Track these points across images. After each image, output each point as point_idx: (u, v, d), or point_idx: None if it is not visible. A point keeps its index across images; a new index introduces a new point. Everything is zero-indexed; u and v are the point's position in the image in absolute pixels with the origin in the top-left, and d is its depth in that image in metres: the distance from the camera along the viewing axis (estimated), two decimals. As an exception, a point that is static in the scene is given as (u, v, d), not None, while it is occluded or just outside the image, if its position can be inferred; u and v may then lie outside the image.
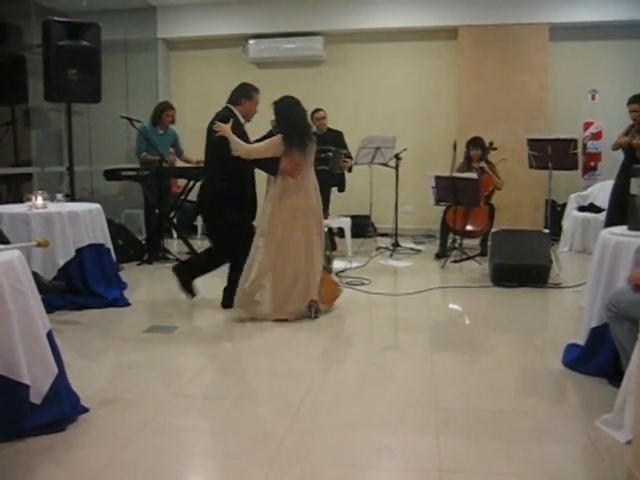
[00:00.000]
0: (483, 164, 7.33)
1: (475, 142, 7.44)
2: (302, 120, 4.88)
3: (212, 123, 4.91)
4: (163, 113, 7.28)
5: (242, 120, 5.11)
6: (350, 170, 7.54)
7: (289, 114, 4.80)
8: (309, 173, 4.87)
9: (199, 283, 5.42)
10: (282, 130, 4.77)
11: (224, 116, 4.94)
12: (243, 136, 4.89)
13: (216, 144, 4.85)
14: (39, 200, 5.04)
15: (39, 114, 8.16)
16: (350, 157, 7.43)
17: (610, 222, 5.72)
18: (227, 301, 5.17)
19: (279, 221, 4.76)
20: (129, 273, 6.25)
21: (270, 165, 4.76)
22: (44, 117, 8.25)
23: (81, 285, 5.10)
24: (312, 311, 4.83)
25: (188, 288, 5.34)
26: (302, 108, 4.89)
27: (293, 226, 4.76)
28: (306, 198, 4.81)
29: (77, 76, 6.30)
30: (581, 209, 7.90)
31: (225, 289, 5.22)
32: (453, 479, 2.50)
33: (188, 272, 5.35)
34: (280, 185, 4.76)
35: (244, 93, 5.15)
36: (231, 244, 5.10)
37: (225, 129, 4.71)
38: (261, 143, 4.87)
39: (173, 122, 7.41)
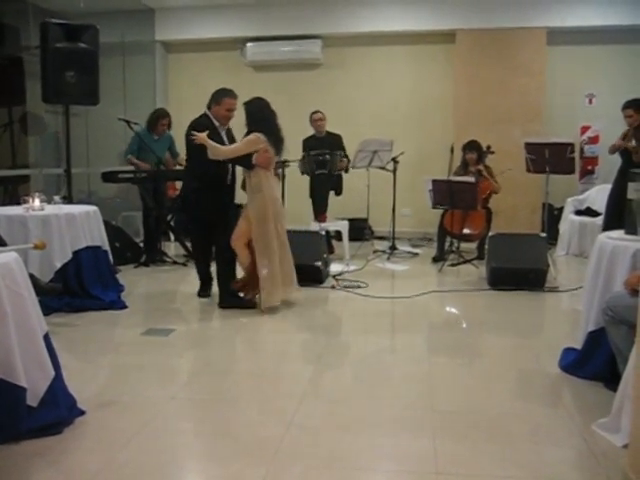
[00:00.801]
0: (481, 167, 7.34)
1: (471, 146, 7.45)
2: (275, 122, 5.13)
3: (189, 129, 5.15)
4: (158, 121, 7.24)
5: (216, 123, 5.26)
6: (347, 170, 7.54)
7: (262, 117, 5.07)
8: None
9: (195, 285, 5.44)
10: (258, 130, 5.01)
11: (198, 124, 5.17)
12: (218, 140, 5.09)
13: (194, 148, 5.11)
14: (36, 202, 5.03)
15: (36, 121, 8.15)
16: (347, 158, 7.44)
17: (608, 226, 5.73)
18: (221, 302, 5.24)
19: (267, 211, 5.01)
20: (126, 275, 6.24)
21: (246, 161, 5.02)
22: (41, 124, 8.24)
23: (78, 287, 5.09)
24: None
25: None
26: (272, 110, 5.15)
27: (277, 215, 5.09)
28: (278, 190, 5.25)
29: (75, 78, 6.30)
30: (578, 213, 7.92)
31: (218, 289, 5.34)
32: (450, 482, 2.50)
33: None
34: (257, 177, 5.03)
35: (214, 98, 5.32)
36: (205, 239, 5.42)
37: (201, 137, 4.93)
38: (238, 144, 5.12)
39: (169, 128, 7.40)
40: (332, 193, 7.68)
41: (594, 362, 3.51)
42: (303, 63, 9.36)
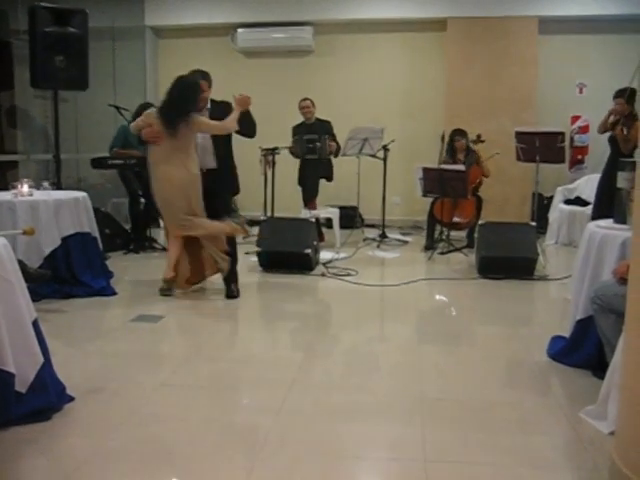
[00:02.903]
0: (475, 150, 7.35)
1: (460, 132, 7.46)
2: (177, 98, 4.92)
3: None
4: (142, 113, 7.21)
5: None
6: (336, 155, 7.51)
7: (170, 91, 4.95)
8: (180, 147, 4.92)
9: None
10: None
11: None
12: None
13: None
14: (25, 188, 5.00)
15: (24, 114, 8.08)
16: (336, 142, 7.40)
17: (596, 215, 5.75)
18: (229, 292, 5.21)
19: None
20: (115, 262, 6.22)
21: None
22: (29, 117, 8.17)
23: (67, 274, 5.07)
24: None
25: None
26: (188, 86, 4.95)
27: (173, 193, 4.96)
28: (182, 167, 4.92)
29: (64, 63, 6.25)
30: (567, 202, 7.94)
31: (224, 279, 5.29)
32: (438, 469, 2.52)
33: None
34: (153, 153, 5.02)
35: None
36: None
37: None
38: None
39: None
40: (323, 180, 7.67)
41: (582, 350, 3.53)
42: (294, 50, 9.31)
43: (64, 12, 6.26)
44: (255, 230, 6.44)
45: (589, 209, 7.03)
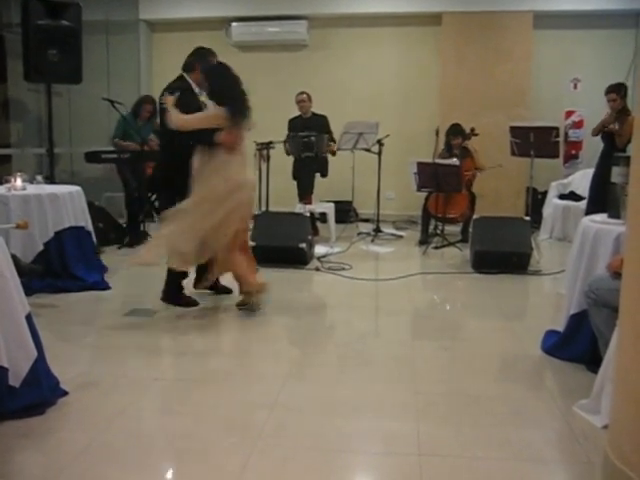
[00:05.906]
0: (466, 143, 7.35)
1: (455, 130, 7.46)
2: (239, 91, 4.47)
3: (162, 95, 4.60)
4: (142, 106, 7.26)
5: (196, 89, 4.71)
6: (334, 154, 7.51)
7: (228, 85, 4.45)
8: (244, 149, 4.60)
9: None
10: (223, 101, 4.40)
11: (171, 87, 4.64)
12: (193, 106, 4.51)
13: (163, 118, 4.55)
14: (18, 182, 4.98)
15: (18, 105, 8.03)
16: (334, 141, 7.42)
17: (590, 210, 5.77)
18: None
19: (217, 195, 4.37)
20: (110, 257, 6.20)
21: (207, 136, 4.36)
22: (23, 108, 8.13)
23: (61, 268, 5.05)
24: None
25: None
26: (235, 76, 4.48)
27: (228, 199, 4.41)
28: (244, 172, 4.57)
29: (57, 56, 6.22)
30: (562, 197, 7.96)
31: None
32: (432, 463, 2.52)
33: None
34: (220, 159, 4.39)
35: (192, 63, 4.81)
36: None
37: (168, 102, 4.41)
38: (200, 114, 4.45)
39: (154, 114, 7.30)
40: (317, 175, 7.66)
41: (576, 344, 3.54)
42: (289, 44, 9.28)
43: (57, 5, 6.23)
44: (250, 224, 6.43)
45: (583, 204, 7.05)
